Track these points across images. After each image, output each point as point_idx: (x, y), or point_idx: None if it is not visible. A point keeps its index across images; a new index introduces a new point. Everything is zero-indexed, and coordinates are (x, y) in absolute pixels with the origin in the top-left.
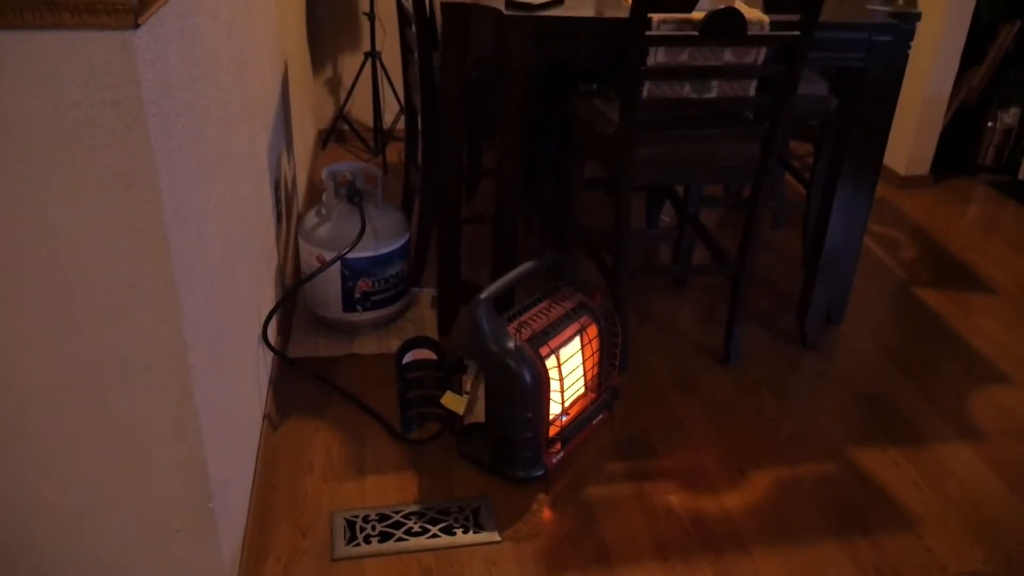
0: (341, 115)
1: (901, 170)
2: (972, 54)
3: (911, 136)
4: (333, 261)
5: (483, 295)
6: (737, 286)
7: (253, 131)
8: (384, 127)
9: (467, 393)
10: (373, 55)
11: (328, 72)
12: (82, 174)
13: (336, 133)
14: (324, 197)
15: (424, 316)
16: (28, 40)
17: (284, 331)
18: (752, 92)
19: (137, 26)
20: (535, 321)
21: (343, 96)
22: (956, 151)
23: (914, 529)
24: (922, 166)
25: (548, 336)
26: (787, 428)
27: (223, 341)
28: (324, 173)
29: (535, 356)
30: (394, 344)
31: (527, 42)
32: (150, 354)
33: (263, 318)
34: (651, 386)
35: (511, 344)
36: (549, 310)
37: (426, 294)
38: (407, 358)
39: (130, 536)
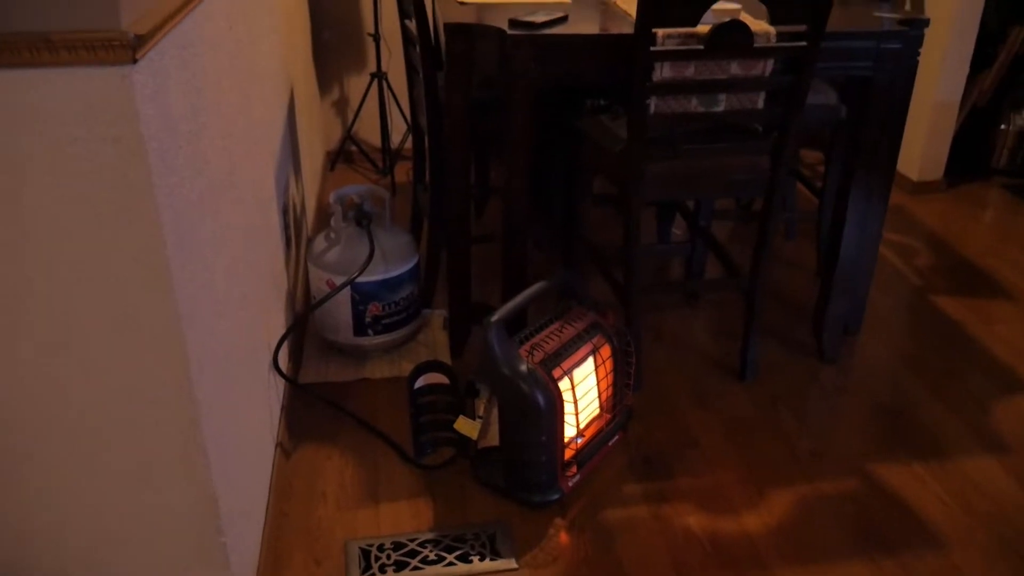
0: (349, 136)
1: (914, 176)
2: (982, 58)
3: (923, 141)
4: (343, 286)
5: (493, 318)
6: (751, 300)
7: (259, 158)
8: (392, 147)
9: (480, 417)
10: (379, 76)
11: (335, 94)
12: (83, 210)
13: (344, 154)
14: (332, 221)
15: (436, 338)
16: (27, 78)
17: (295, 357)
18: (760, 104)
19: (135, 61)
20: (547, 343)
21: (350, 117)
22: (969, 155)
23: (941, 546)
24: (935, 171)
25: (561, 358)
26: (807, 444)
27: (232, 371)
28: (332, 197)
29: (548, 379)
30: (406, 368)
31: (531, 61)
32: (156, 388)
33: (273, 345)
34: (666, 404)
35: (523, 367)
36: (561, 331)
37: (438, 316)
38: (419, 382)
39: (141, 572)
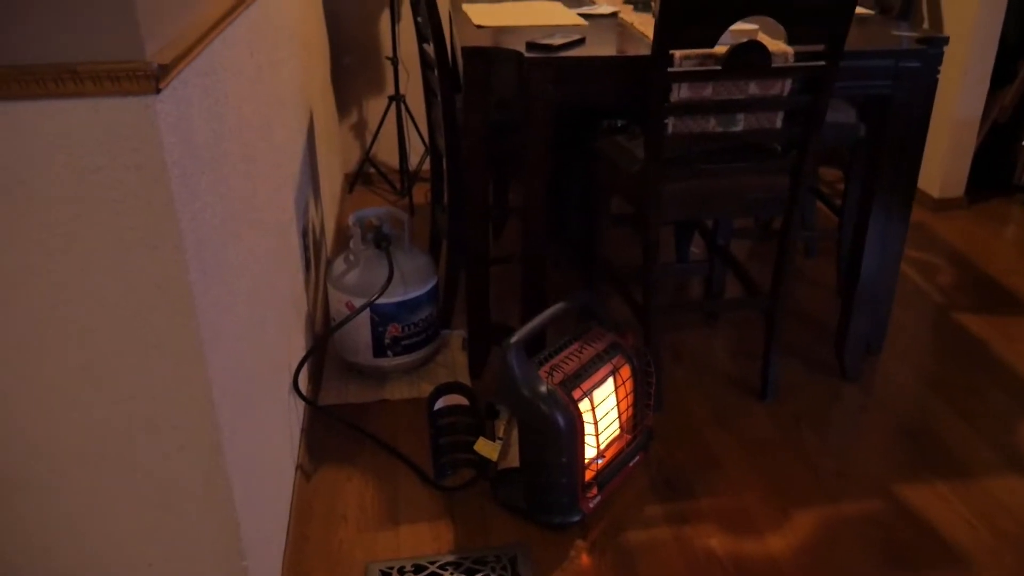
0: (368, 158)
1: (935, 193)
2: (1002, 73)
3: (944, 158)
4: (362, 308)
5: (513, 339)
6: (771, 320)
7: (279, 181)
8: (410, 169)
9: (500, 439)
10: (398, 99)
11: (354, 116)
12: (107, 237)
13: (363, 176)
14: (351, 243)
15: (455, 359)
16: (52, 109)
17: (315, 379)
18: (779, 124)
19: (158, 91)
20: (567, 364)
21: (369, 140)
22: (990, 171)
23: (967, 568)
24: (956, 188)
25: (580, 379)
26: (829, 464)
27: (253, 394)
28: (351, 219)
29: (568, 400)
30: (426, 389)
31: (548, 84)
32: (178, 413)
33: (293, 367)
34: (687, 425)
35: (543, 388)
36: (581, 352)
37: (457, 336)
38: (439, 404)
39: None
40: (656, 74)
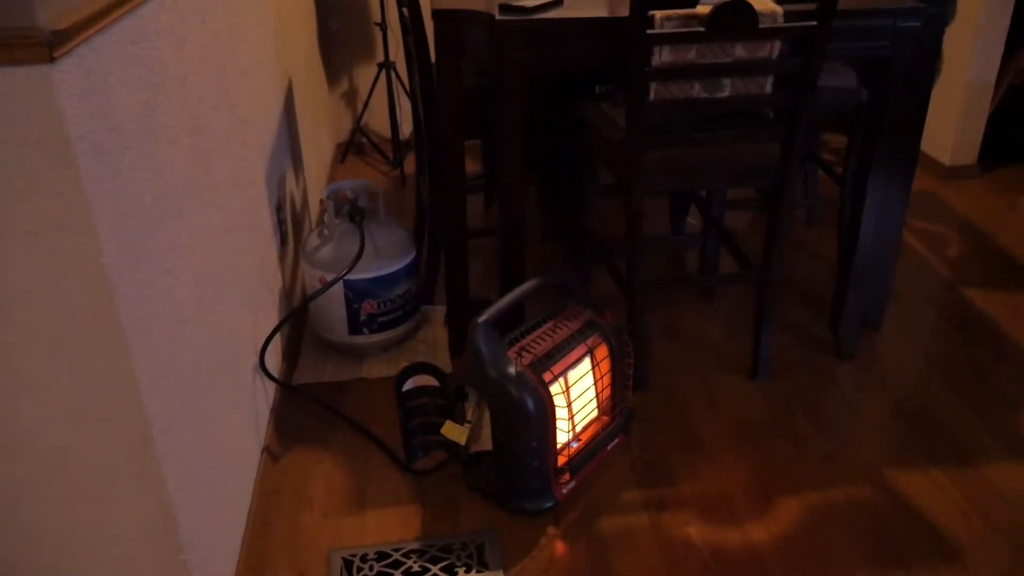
0: (359, 128)
1: (946, 160)
2: (1018, 34)
3: (955, 123)
4: (329, 285)
5: (481, 318)
6: (763, 295)
7: (244, 155)
8: (402, 138)
9: (468, 422)
10: (387, 65)
11: (344, 85)
12: (12, 218)
13: (355, 146)
14: (325, 217)
15: (436, 336)
16: None
17: (291, 357)
18: (768, 88)
19: (53, 59)
20: (538, 344)
21: (360, 108)
22: (1005, 138)
23: (959, 560)
24: (968, 155)
25: (553, 360)
26: (819, 448)
27: (202, 378)
28: (324, 192)
29: (538, 382)
30: (403, 366)
31: (521, 48)
32: (103, 404)
33: (261, 346)
34: (672, 405)
35: (512, 370)
36: (554, 331)
37: (439, 312)
38: (407, 385)
39: None
40: (635, 36)
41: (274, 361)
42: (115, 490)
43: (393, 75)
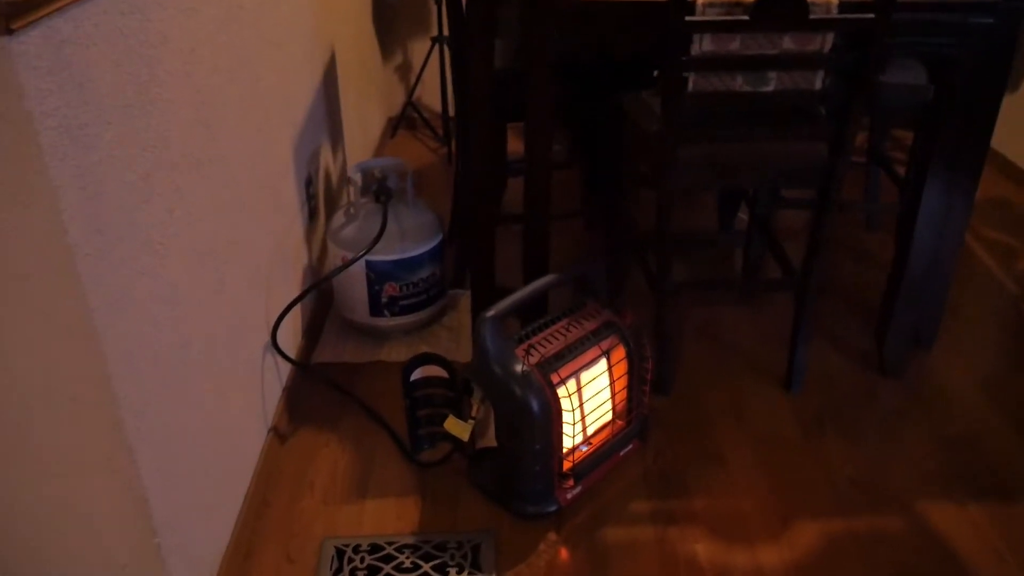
0: (411, 103)
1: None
2: None
3: None
4: (346, 266)
5: (489, 313)
6: (802, 301)
7: (268, 128)
8: (451, 115)
9: (473, 418)
10: (440, 40)
11: (399, 58)
12: None
13: (406, 120)
14: (352, 195)
15: (461, 322)
16: None
17: (312, 335)
18: (818, 84)
19: (11, 32)
20: (548, 344)
21: (412, 82)
22: None
23: None
24: None
25: (562, 361)
26: (848, 471)
27: (193, 358)
28: (351, 170)
29: (544, 383)
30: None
31: (552, 30)
32: (72, 385)
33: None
34: (696, 413)
35: (518, 368)
36: (567, 330)
37: (467, 297)
38: (415, 375)
39: (77, 569)
40: (674, 23)
41: (293, 339)
42: (85, 471)
43: (446, 50)
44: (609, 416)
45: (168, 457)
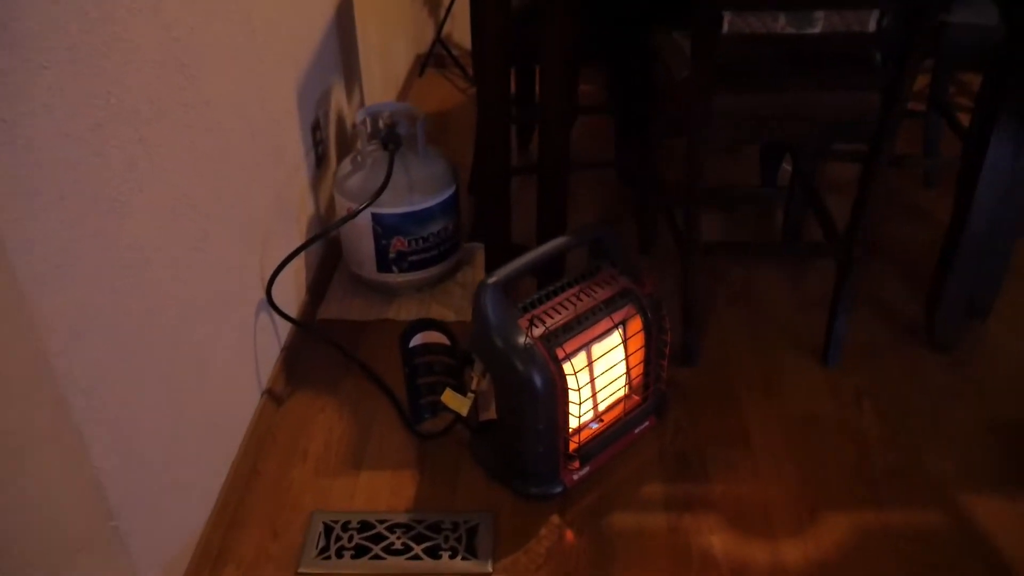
0: (439, 40)
1: None
2: None
3: None
4: (345, 219)
5: (490, 279)
6: (845, 268)
7: (262, 69)
8: None
9: (473, 392)
10: None
11: None
12: None
13: (435, 58)
14: (359, 143)
15: (476, 278)
16: None
17: (318, 291)
18: (872, 26)
19: None
20: (556, 313)
21: (442, 16)
22: None
23: None
24: None
25: (570, 333)
26: (886, 457)
27: (166, 324)
28: (359, 115)
29: (549, 358)
30: (436, 310)
31: None
32: (6, 364)
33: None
34: (722, 386)
35: (521, 340)
36: (578, 299)
37: (483, 251)
38: (415, 340)
39: (32, 552)
40: None
41: (296, 296)
42: (34, 452)
43: None
44: (623, 391)
45: (129, 435)
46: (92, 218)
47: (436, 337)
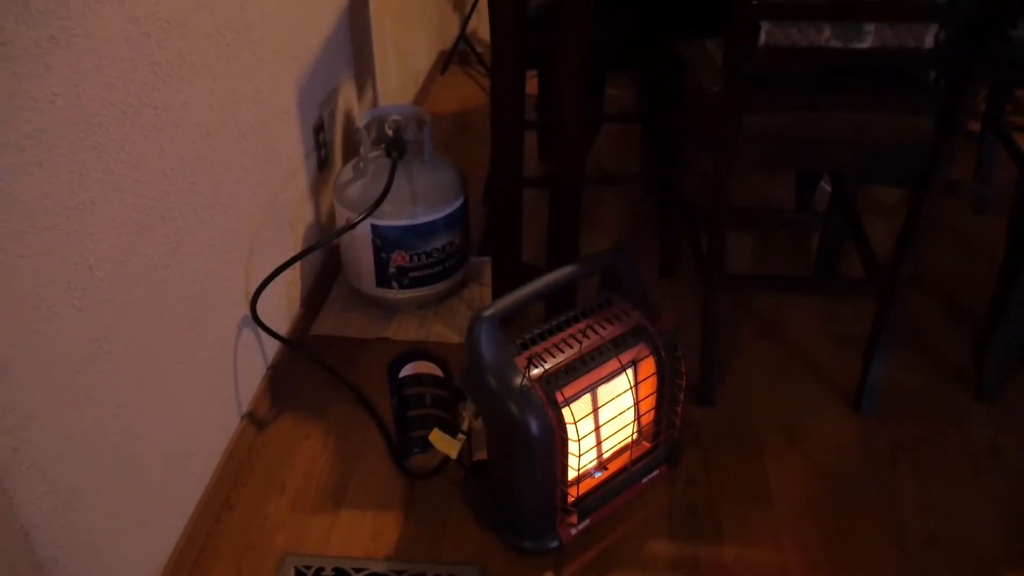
0: (463, 36)
1: None
2: None
3: None
4: (341, 231)
5: (487, 312)
6: (885, 307)
7: (256, 66)
8: None
9: (464, 433)
10: None
11: None
12: None
13: (459, 55)
14: (362, 148)
15: (483, 296)
16: None
17: (314, 305)
18: (929, 41)
19: None
20: (556, 352)
21: (467, 12)
22: None
23: None
24: None
25: (572, 375)
26: (924, 524)
27: (119, 350)
28: (363, 117)
29: (546, 402)
30: (438, 330)
31: None
32: None
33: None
34: (742, 431)
35: (518, 381)
36: (584, 336)
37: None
38: (405, 370)
39: None
40: None
41: (288, 310)
42: None
43: None
44: (631, 438)
45: (67, 476)
46: (28, 237)
47: (428, 368)
